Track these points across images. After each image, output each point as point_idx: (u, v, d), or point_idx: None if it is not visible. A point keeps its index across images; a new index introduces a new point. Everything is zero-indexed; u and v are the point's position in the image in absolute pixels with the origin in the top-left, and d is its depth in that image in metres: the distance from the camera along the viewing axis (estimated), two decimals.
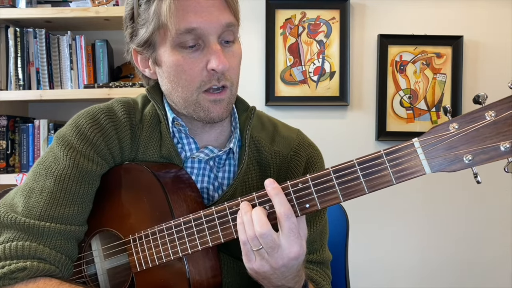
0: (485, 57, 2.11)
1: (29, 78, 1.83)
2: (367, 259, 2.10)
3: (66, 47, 1.86)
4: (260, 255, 0.67)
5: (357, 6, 2.09)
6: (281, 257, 0.66)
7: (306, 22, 2.08)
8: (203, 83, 0.75)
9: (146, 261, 0.76)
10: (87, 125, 0.79)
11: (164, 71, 0.78)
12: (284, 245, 0.65)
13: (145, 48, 0.78)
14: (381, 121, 2.08)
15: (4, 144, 1.80)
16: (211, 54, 0.73)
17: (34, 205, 0.75)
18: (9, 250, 0.72)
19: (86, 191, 0.78)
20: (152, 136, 0.83)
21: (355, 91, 2.10)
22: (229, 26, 0.75)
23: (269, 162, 0.87)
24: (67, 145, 0.78)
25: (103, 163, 0.80)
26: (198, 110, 0.78)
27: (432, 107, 2.10)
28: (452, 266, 2.12)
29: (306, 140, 0.92)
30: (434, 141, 0.62)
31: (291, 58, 2.08)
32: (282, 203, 0.66)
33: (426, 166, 0.62)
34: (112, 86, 1.79)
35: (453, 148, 0.60)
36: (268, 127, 0.92)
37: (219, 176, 0.87)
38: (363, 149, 2.10)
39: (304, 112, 2.08)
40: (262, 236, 0.65)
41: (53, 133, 1.84)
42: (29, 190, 0.76)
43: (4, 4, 1.84)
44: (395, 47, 2.08)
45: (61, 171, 0.76)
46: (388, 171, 0.63)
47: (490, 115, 0.59)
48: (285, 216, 0.65)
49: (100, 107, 0.83)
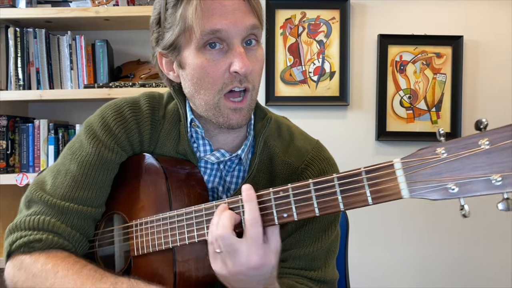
0: (485, 57, 2.11)
1: (29, 78, 1.83)
2: (367, 259, 2.10)
3: (66, 47, 1.86)
4: (221, 257, 0.68)
5: (357, 6, 2.09)
6: (239, 263, 0.66)
7: (306, 22, 2.08)
8: (224, 85, 0.76)
9: (142, 247, 0.81)
10: (111, 117, 0.85)
11: (187, 74, 0.79)
12: (244, 252, 0.65)
13: (170, 51, 0.79)
14: (381, 121, 2.08)
15: (4, 144, 1.80)
16: (234, 57, 0.74)
17: (58, 185, 0.83)
18: (32, 223, 0.80)
19: (105, 177, 0.84)
20: (171, 133, 0.87)
21: (355, 91, 2.10)
22: (253, 28, 0.76)
23: (279, 172, 0.87)
24: (92, 134, 0.84)
25: (122, 153, 0.85)
26: (218, 116, 0.79)
27: (432, 107, 2.10)
28: (452, 266, 2.12)
29: (322, 154, 0.89)
30: (417, 164, 0.56)
31: (291, 58, 2.08)
32: (251, 210, 0.66)
33: (404, 190, 0.57)
34: (112, 86, 1.79)
35: (438, 174, 0.54)
36: (285, 136, 0.91)
37: (227, 180, 0.88)
38: (363, 149, 2.11)
39: (304, 112, 2.08)
40: (220, 238, 0.66)
41: (53, 133, 1.84)
42: (57, 171, 0.85)
43: (4, 4, 1.84)
44: (395, 47, 2.08)
45: (84, 158, 0.83)
46: (365, 190, 0.59)
47: (484, 143, 0.52)
48: (250, 223, 0.65)
49: (126, 100, 0.88)
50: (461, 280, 2.12)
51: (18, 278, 0.78)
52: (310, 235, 0.84)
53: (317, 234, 0.84)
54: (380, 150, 2.11)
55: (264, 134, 0.87)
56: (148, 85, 1.79)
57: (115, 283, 0.73)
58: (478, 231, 2.10)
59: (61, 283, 0.74)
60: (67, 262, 0.77)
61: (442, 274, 2.12)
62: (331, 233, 0.86)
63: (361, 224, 2.01)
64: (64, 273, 0.75)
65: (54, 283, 0.74)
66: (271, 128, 0.90)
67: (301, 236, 0.84)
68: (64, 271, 0.75)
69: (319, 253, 0.85)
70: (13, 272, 0.79)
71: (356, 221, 1.54)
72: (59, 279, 0.74)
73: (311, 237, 0.84)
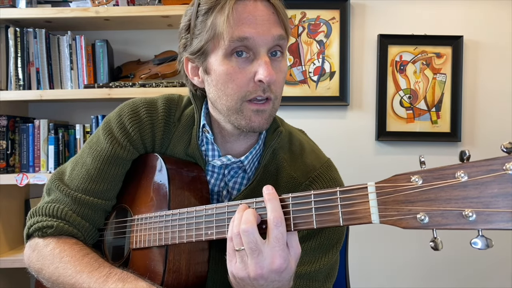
0: (485, 57, 2.11)
1: (29, 78, 1.83)
2: (367, 259, 2.10)
3: (66, 47, 1.86)
4: (241, 256, 0.65)
5: (357, 6, 2.09)
6: (260, 265, 0.63)
7: (306, 22, 2.08)
8: (248, 93, 0.77)
9: (139, 241, 0.85)
10: (127, 116, 0.89)
11: (212, 79, 0.81)
12: (267, 253, 0.63)
13: (197, 56, 0.82)
14: (381, 121, 2.08)
15: (4, 144, 1.80)
16: (259, 66, 0.76)
17: (75, 176, 0.89)
18: (48, 210, 0.87)
19: (116, 172, 0.89)
20: (183, 136, 0.90)
21: (355, 91, 2.10)
22: (279, 39, 0.78)
23: (283, 185, 0.87)
24: (108, 130, 0.89)
25: (134, 151, 0.89)
26: (240, 119, 0.80)
27: (432, 107, 2.10)
28: (452, 266, 2.12)
29: (329, 174, 0.89)
30: (391, 189, 0.54)
31: (291, 58, 2.08)
32: (275, 209, 0.63)
33: (374, 215, 0.56)
34: (112, 86, 1.79)
35: (410, 202, 0.53)
36: (296, 150, 0.91)
37: (229, 186, 0.90)
38: (363, 149, 2.11)
39: (304, 112, 2.08)
40: (244, 233, 0.63)
41: (53, 133, 1.84)
42: (75, 163, 0.91)
43: (4, 4, 1.84)
44: (395, 47, 2.08)
45: (99, 153, 0.88)
46: (338, 210, 0.59)
47: (460, 175, 0.49)
48: (275, 223, 0.63)
49: (144, 100, 0.91)
50: (461, 280, 2.12)
51: (32, 258, 0.86)
52: (310, 253, 0.83)
53: (318, 254, 0.84)
54: (380, 150, 2.11)
55: (273, 145, 0.88)
56: (148, 85, 1.79)
57: (109, 273, 0.77)
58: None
59: (64, 267, 0.80)
60: (72, 249, 0.83)
61: (442, 274, 2.12)
62: (332, 256, 0.85)
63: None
64: (67, 258, 0.81)
65: (58, 266, 0.81)
66: (283, 141, 0.91)
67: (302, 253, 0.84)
68: (68, 257, 0.82)
69: (318, 274, 0.84)
70: (29, 253, 0.87)
71: None
72: (62, 263, 0.81)
73: (312, 255, 0.83)
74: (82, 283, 0.77)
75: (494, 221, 0.48)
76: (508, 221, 0.47)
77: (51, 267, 0.82)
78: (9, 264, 1.73)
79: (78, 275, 0.78)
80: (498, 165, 0.48)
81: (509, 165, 0.47)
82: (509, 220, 0.47)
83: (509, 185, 0.47)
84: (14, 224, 1.90)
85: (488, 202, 0.48)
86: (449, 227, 0.51)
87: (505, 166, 0.47)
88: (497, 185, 0.47)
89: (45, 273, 0.83)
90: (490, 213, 0.48)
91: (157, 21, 1.86)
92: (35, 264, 0.85)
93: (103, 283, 0.75)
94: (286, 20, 0.80)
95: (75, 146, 1.89)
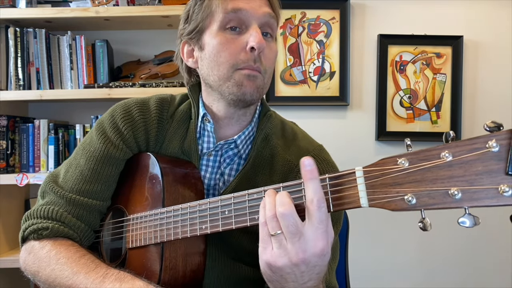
0: (485, 57, 2.11)
1: (29, 78, 1.83)
2: (367, 259, 2.10)
3: (66, 47, 1.86)
4: (278, 241, 0.59)
5: (357, 6, 2.09)
6: (303, 248, 0.58)
7: (306, 22, 2.08)
8: (240, 61, 0.81)
9: (135, 240, 0.85)
10: (120, 115, 0.89)
11: (206, 53, 0.84)
12: (309, 236, 0.58)
13: (193, 35, 0.86)
14: (381, 121, 2.08)
15: (4, 144, 1.80)
16: (250, 35, 0.80)
17: (69, 178, 0.89)
18: (43, 212, 0.87)
19: (110, 172, 0.89)
20: (178, 131, 0.91)
21: (355, 91, 2.10)
22: (270, 16, 0.83)
23: (278, 169, 0.89)
24: (101, 131, 0.90)
25: (127, 151, 0.90)
26: (232, 86, 0.82)
27: (432, 107, 2.10)
28: (452, 266, 2.12)
29: (322, 155, 0.91)
30: (378, 173, 0.55)
31: (291, 58, 2.08)
32: (316, 189, 0.58)
33: (363, 198, 0.56)
34: (112, 86, 1.79)
35: (397, 185, 0.53)
36: (288, 135, 0.95)
37: (225, 173, 0.90)
38: (363, 149, 2.11)
39: (304, 112, 2.08)
40: (283, 217, 0.58)
41: (53, 133, 1.84)
42: (69, 165, 0.91)
43: (4, 4, 1.84)
44: (395, 47, 2.08)
45: (92, 153, 0.89)
46: (328, 196, 0.59)
47: (445, 156, 0.50)
48: (318, 204, 0.57)
49: (137, 100, 0.92)
50: (461, 280, 2.12)
51: (28, 261, 0.85)
52: None
53: None
54: (380, 150, 2.11)
55: (264, 128, 0.90)
56: (148, 85, 1.79)
57: (106, 274, 0.77)
58: (478, 231, 2.10)
59: (60, 269, 0.80)
60: (69, 250, 0.83)
61: (442, 274, 2.12)
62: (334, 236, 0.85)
63: (361, 224, 2.01)
64: (64, 260, 0.81)
65: (55, 268, 0.80)
66: (275, 127, 0.94)
67: None
68: (64, 259, 0.81)
69: None
70: (25, 256, 0.87)
71: (356, 221, 1.54)
72: (59, 265, 0.80)
73: None
74: (79, 284, 0.77)
75: (480, 198, 0.49)
76: (493, 198, 0.48)
77: (47, 269, 0.81)
78: (9, 264, 1.73)
79: (75, 277, 0.78)
80: (481, 143, 0.49)
81: (492, 143, 0.48)
82: (494, 196, 0.48)
83: (492, 162, 0.48)
84: (14, 224, 1.90)
85: (473, 180, 0.49)
86: (436, 206, 0.51)
87: (487, 144, 0.48)
88: (481, 163, 0.48)
89: (41, 276, 0.82)
90: (475, 191, 0.49)
91: (157, 21, 1.86)
92: (31, 267, 0.85)
93: (100, 283, 0.75)
94: (277, 5, 0.86)
95: (75, 146, 1.89)
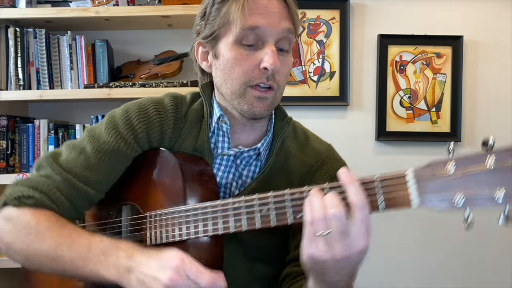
0: (485, 57, 2.11)
1: (29, 78, 1.82)
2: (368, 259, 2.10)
3: (66, 47, 1.86)
4: (327, 241, 0.64)
5: (357, 6, 2.09)
6: (347, 247, 0.64)
7: (306, 22, 2.08)
8: (252, 78, 0.81)
9: (156, 238, 0.83)
10: (135, 114, 0.88)
11: (220, 63, 0.85)
12: (354, 235, 0.63)
13: (209, 41, 0.86)
14: (381, 121, 2.08)
15: (4, 144, 1.80)
16: (265, 54, 0.80)
17: (70, 160, 0.86)
18: (33, 182, 0.84)
19: (115, 166, 0.88)
20: (192, 130, 0.90)
21: (355, 91, 2.10)
22: (288, 32, 0.82)
23: (295, 170, 0.91)
24: (113, 125, 0.88)
25: (138, 149, 0.89)
26: (243, 103, 0.83)
27: (432, 107, 2.10)
28: (452, 266, 2.12)
29: (335, 155, 0.97)
30: (429, 176, 0.60)
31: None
32: (357, 192, 0.63)
33: (415, 200, 0.61)
34: (112, 86, 1.79)
35: (446, 187, 0.59)
36: (300, 137, 0.97)
37: (243, 174, 0.91)
38: (363, 149, 2.11)
39: (304, 112, 2.08)
40: (334, 218, 0.63)
41: (53, 133, 1.84)
42: (73, 147, 0.88)
43: (4, 4, 1.84)
44: (395, 47, 2.08)
45: (101, 144, 0.86)
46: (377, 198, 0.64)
47: (490, 162, 0.56)
48: (360, 205, 0.63)
49: (152, 99, 0.92)
50: (461, 280, 2.12)
51: (3, 228, 0.81)
52: None
53: None
54: (380, 150, 2.11)
55: (283, 134, 0.92)
56: (148, 85, 1.79)
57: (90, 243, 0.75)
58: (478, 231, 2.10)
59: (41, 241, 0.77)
60: (50, 221, 0.79)
61: (442, 274, 2.12)
62: None
63: None
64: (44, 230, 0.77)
65: (34, 240, 0.77)
66: (289, 130, 0.95)
67: None
68: (44, 230, 0.77)
69: None
70: (1, 224, 0.81)
71: None
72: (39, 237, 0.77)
73: None
74: (63, 256, 0.75)
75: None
76: None
77: (26, 240, 0.78)
78: (9, 264, 1.72)
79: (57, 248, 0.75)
80: None
81: None
82: None
83: None
84: None
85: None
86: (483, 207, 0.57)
87: None
88: None
89: (16, 247, 0.78)
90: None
91: (157, 21, 1.86)
92: (6, 235, 0.80)
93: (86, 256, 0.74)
94: (297, 17, 0.85)
95: None
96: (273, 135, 0.92)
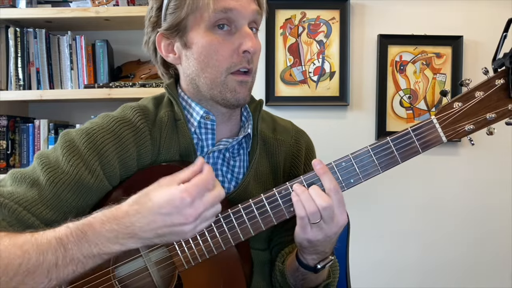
0: (485, 57, 2.10)
1: (29, 78, 1.83)
2: (368, 259, 2.10)
3: (66, 47, 1.86)
4: (318, 226, 0.75)
5: (357, 6, 2.09)
6: (335, 224, 0.75)
7: (306, 22, 2.08)
8: (233, 64, 0.80)
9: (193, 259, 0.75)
10: (100, 133, 0.78)
11: (193, 53, 0.81)
12: (337, 215, 0.75)
13: (174, 31, 0.82)
14: (381, 121, 2.08)
15: (4, 144, 1.80)
16: (244, 37, 0.79)
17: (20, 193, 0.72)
18: None
19: (76, 203, 0.75)
20: (172, 136, 0.84)
21: (355, 91, 2.10)
22: (257, 13, 0.82)
23: (275, 150, 0.93)
24: (72, 150, 0.75)
25: (103, 180, 0.76)
26: (225, 91, 0.81)
27: (432, 107, 2.10)
28: (452, 266, 2.12)
29: (299, 129, 1.01)
30: (447, 117, 0.79)
31: (291, 58, 2.08)
32: (331, 180, 0.75)
33: (443, 137, 0.79)
34: (112, 86, 1.79)
35: (459, 120, 0.79)
36: (267, 118, 0.98)
37: (235, 165, 0.90)
38: None
39: (304, 112, 2.08)
40: (326, 209, 0.73)
41: (53, 133, 1.84)
42: (21, 178, 0.74)
43: (4, 4, 1.84)
44: (395, 47, 2.08)
45: (58, 175, 0.73)
46: (415, 144, 0.79)
47: (479, 94, 0.80)
48: (335, 190, 0.74)
49: (114, 116, 0.81)
50: (461, 280, 2.12)
51: None
52: None
53: None
54: None
55: (261, 115, 0.92)
56: (148, 85, 1.80)
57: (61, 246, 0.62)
58: (478, 231, 2.10)
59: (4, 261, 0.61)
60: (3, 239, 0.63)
61: (442, 274, 2.13)
62: None
63: (362, 224, 2.01)
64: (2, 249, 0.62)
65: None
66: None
67: None
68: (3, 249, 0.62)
69: None
70: None
71: (357, 221, 1.54)
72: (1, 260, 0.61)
73: None
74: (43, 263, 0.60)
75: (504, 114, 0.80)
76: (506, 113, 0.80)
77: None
78: None
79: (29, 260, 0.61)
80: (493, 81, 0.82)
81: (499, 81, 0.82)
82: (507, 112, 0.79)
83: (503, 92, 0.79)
84: None
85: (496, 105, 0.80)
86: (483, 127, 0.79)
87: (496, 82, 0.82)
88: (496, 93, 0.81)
89: None
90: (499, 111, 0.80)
91: None
92: None
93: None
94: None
95: None
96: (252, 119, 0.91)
